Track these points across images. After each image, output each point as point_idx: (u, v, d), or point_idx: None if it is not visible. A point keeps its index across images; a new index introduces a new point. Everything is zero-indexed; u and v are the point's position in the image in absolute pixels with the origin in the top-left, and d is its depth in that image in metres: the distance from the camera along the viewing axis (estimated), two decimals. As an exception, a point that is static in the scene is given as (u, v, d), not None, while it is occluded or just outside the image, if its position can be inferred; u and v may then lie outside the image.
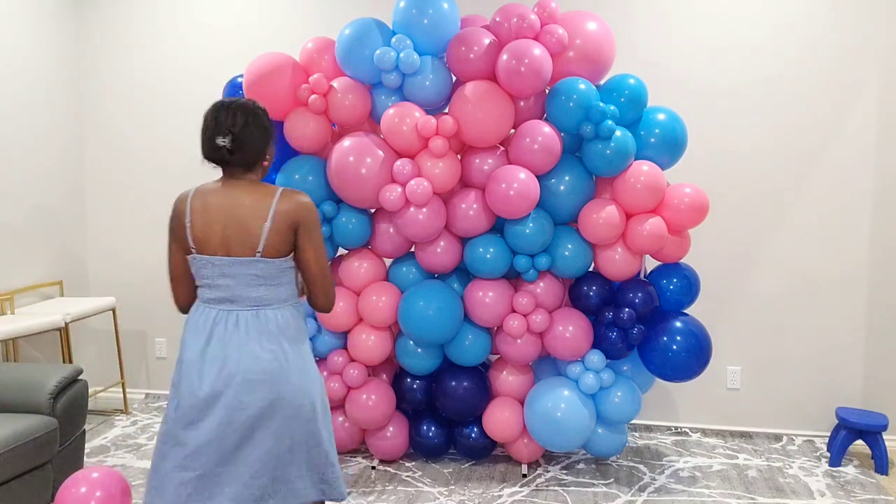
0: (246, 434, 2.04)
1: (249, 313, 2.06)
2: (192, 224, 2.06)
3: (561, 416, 3.20)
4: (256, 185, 2.08)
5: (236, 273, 2.04)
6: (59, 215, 4.38)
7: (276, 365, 2.04)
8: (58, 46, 4.34)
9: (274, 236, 2.02)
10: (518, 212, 3.11)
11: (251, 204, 2.03)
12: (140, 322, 4.59)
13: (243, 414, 2.02)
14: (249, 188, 2.07)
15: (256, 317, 2.06)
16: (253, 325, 2.05)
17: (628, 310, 3.19)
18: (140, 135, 4.48)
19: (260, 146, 2.08)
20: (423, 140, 3.14)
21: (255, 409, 2.02)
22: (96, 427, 4.10)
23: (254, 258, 2.03)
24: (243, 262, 2.03)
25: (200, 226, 2.05)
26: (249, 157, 2.07)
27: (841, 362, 3.87)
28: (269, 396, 2.03)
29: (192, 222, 2.06)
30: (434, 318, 3.18)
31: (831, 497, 3.24)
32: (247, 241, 2.02)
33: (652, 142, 3.19)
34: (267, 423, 2.04)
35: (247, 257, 2.03)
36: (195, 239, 2.06)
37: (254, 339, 2.04)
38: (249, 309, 2.06)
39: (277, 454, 2.06)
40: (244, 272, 2.04)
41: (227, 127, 2.01)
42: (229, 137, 2.01)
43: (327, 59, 3.27)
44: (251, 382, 2.02)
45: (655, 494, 3.25)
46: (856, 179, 3.78)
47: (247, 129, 2.03)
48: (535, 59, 2.99)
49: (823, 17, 3.74)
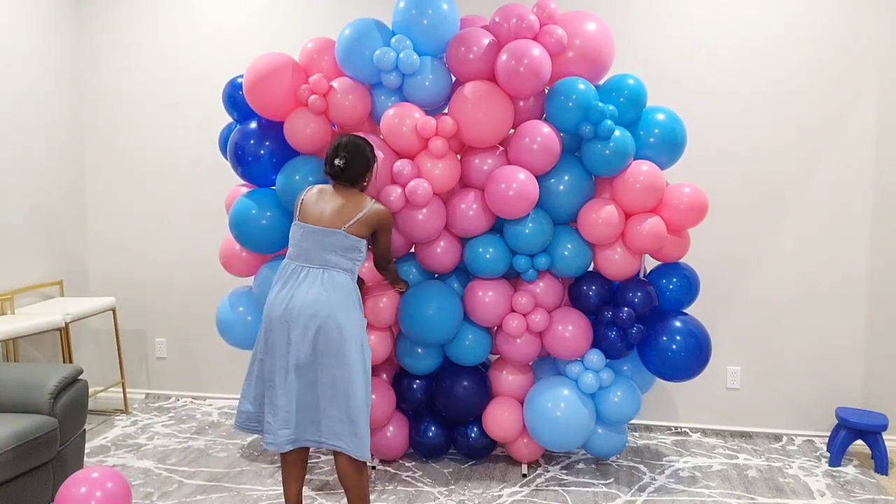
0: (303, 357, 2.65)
1: (318, 270, 2.71)
2: (304, 200, 2.82)
3: (561, 415, 3.20)
4: (357, 193, 2.82)
5: (318, 239, 2.72)
6: (59, 215, 4.38)
7: (326, 299, 2.66)
8: (58, 47, 4.34)
9: (359, 226, 2.74)
10: (517, 212, 3.11)
11: (350, 202, 2.77)
12: (140, 322, 4.60)
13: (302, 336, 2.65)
14: (352, 193, 2.81)
15: (321, 273, 2.70)
16: (318, 278, 2.70)
17: (628, 309, 3.19)
18: (140, 135, 4.48)
19: (361, 171, 2.82)
20: (422, 140, 3.14)
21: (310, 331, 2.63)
22: (96, 427, 4.11)
23: (338, 230, 2.71)
24: (327, 231, 2.71)
25: (310, 203, 2.80)
26: (353, 175, 2.80)
27: (841, 362, 3.87)
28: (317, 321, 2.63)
29: (304, 199, 2.82)
30: (434, 318, 3.18)
31: (831, 497, 3.24)
32: (337, 221, 2.73)
33: (651, 142, 3.19)
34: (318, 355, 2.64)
35: (333, 228, 2.71)
36: (301, 211, 2.80)
37: (316, 286, 2.68)
38: (318, 267, 2.71)
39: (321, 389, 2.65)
40: (325, 239, 2.71)
41: (340, 153, 2.78)
42: (343, 160, 2.77)
43: (327, 60, 3.27)
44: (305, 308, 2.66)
45: (655, 494, 3.26)
46: (856, 180, 3.78)
47: (355, 158, 2.79)
48: (535, 60, 2.99)
49: (824, 19, 3.74)
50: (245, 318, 3.49)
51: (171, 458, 3.65)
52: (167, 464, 3.59)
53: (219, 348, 4.05)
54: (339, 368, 2.64)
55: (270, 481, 3.38)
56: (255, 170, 3.35)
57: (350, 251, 2.74)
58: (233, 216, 3.33)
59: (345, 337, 2.64)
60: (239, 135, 3.36)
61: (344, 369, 2.64)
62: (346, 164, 2.76)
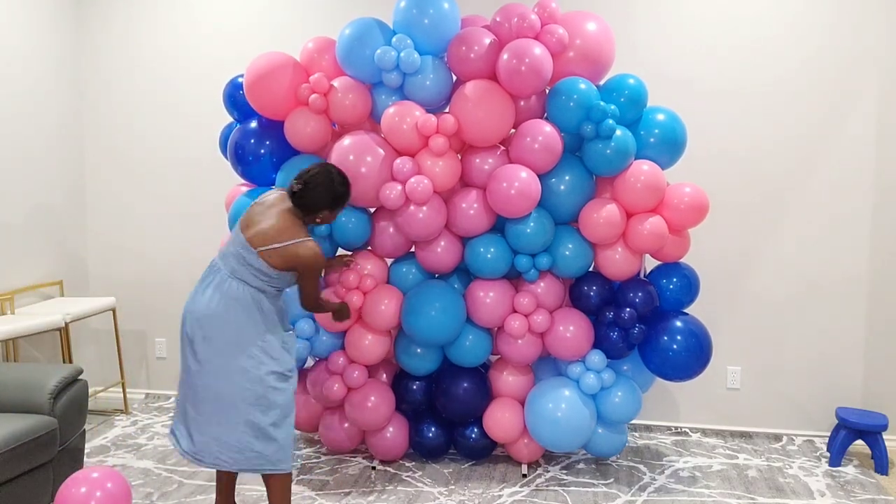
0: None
1: (226, 276, 2.63)
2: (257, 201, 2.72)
3: (562, 416, 3.20)
4: (297, 224, 2.65)
5: (236, 248, 2.62)
6: (59, 215, 4.38)
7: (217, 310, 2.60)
8: (58, 47, 4.34)
9: (275, 255, 2.58)
10: (519, 211, 3.11)
11: (284, 228, 2.61)
12: (140, 322, 4.59)
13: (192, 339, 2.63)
14: (294, 221, 2.65)
15: (228, 280, 2.62)
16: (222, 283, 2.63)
17: (629, 309, 3.19)
18: (140, 135, 4.48)
19: (315, 205, 2.66)
20: (423, 139, 3.14)
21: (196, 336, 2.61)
22: (96, 427, 4.10)
23: (253, 248, 2.58)
24: (245, 244, 2.59)
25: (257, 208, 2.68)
26: (305, 205, 2.65)
27: (841, 362, 3.87)
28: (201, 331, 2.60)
29: (258, 200, 2.72)
30: (437, 318, 3.18)
31: (831, 497, 3.24)
32: (258, 239, 2.60)
33: (651, 141, 3.19)
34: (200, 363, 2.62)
35: (250, 244, 2.58)
36: (248, 211, 2.70)
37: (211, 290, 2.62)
38: (227, 273, 2.63)
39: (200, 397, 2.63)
40: (240, 250, 2.61)
41: (304, 177, 2.65)
42: (300, 187, 2.62)
43: (328, 59, 3.27)
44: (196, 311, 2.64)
45: (655, 494, 3.25)
46: (856, 180, 3.78)
47: (314, 191, 2.64)
48: (536, 59, 2.99)
49: (824, 18, 3.74)
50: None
51: (171, 458, 3.64)
52: (167, 464, 3.58)
53: (219, 348, 4.04)
54: (218, 380, 2.58)
55: (270, 481, 3.37)
56: (255, 169, 3.35)
57: (260, 273, 2.60)
58: (233, 215, 3.33)
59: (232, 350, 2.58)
60: (239, 134, 3.36)
61: (224, 381, 2.58)
62: (301, 191, 2.63)
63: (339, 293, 3.27)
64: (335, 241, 3.36)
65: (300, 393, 3.59)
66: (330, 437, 3.56)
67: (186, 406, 2.66)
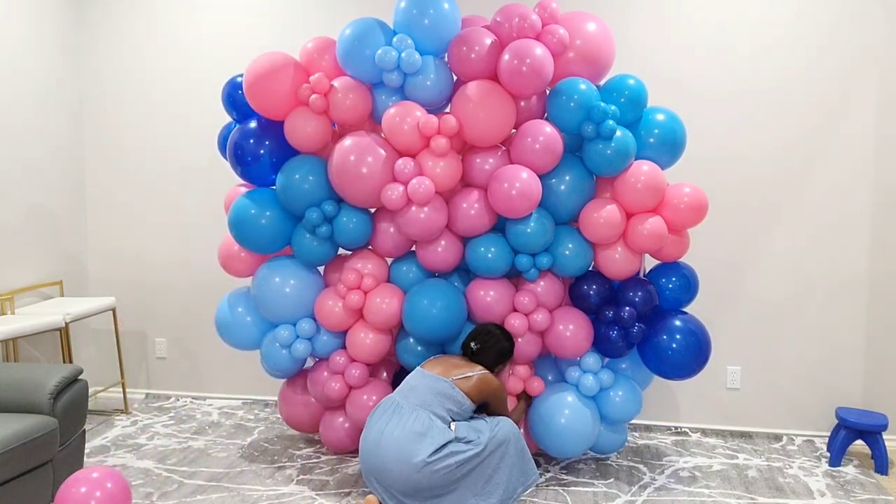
0: None
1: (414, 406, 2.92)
2: None
3: (566, 423, 3.21)
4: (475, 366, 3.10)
5: (425, 382, 2.97)
6: (58, 215, 4.38)
7: None
8: (57, 47, 4.34)
9: (466, 383, 2.99)
10: (520, 211, 3.11)
11: (465, 368, 3.04)
12: (140, 322, 4.59)
13: None
14: (470, 364, 3.09)
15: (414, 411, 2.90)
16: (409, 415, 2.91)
17: (629, 308, 3.19)
18: (140, 135, 4.48)
19: (490, 363, 3.12)
20: (424, 139, 3.14)
21: None
22: (96, 427, 4.10)
23: (445, 379, 2.97)
24: (435, 377, 2.97)
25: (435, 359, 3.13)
26: (485, 361, 3.11)
27: (841, 362, 3.87)
28: None
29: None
30: (439, 316, 3.18)
31: (831, 497, 3.24)
32: (448, 372, 3.01)
33: (651, 142, 3.19)
34: None
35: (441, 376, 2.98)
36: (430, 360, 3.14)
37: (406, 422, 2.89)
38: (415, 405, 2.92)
39: None
40: (428, 383, 2.95)
41: (481, 337, 3.13)
42: (478, 345, 3.11)
43: (328, 59, 3.27)
44: None
45: (655, 494, 3.25)
46: (855, 180, 3.78)
47: (488, 349, 3.12)
48: (537, 59, 3.00)
49: (824, 19, 3.74)
50: (244, 318, 3.48)
51: (170, 458, 3.64)
52: (167, 464, 3.58)
53: (219, 348, 4.04)
54: None
55: (270, 481, 3.37)
56: (254, 169, 3.35)
57: (445, 399, 2.94)
58: (232, 216, 3.33)
59: None
60: (238, 134, 3.36)
61: None
62: (481, 347, 3.10)
63: None
64: (336, 241, 3.36)
65: (300, 393, 3.60)
66: (330, 436, 3.56)
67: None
